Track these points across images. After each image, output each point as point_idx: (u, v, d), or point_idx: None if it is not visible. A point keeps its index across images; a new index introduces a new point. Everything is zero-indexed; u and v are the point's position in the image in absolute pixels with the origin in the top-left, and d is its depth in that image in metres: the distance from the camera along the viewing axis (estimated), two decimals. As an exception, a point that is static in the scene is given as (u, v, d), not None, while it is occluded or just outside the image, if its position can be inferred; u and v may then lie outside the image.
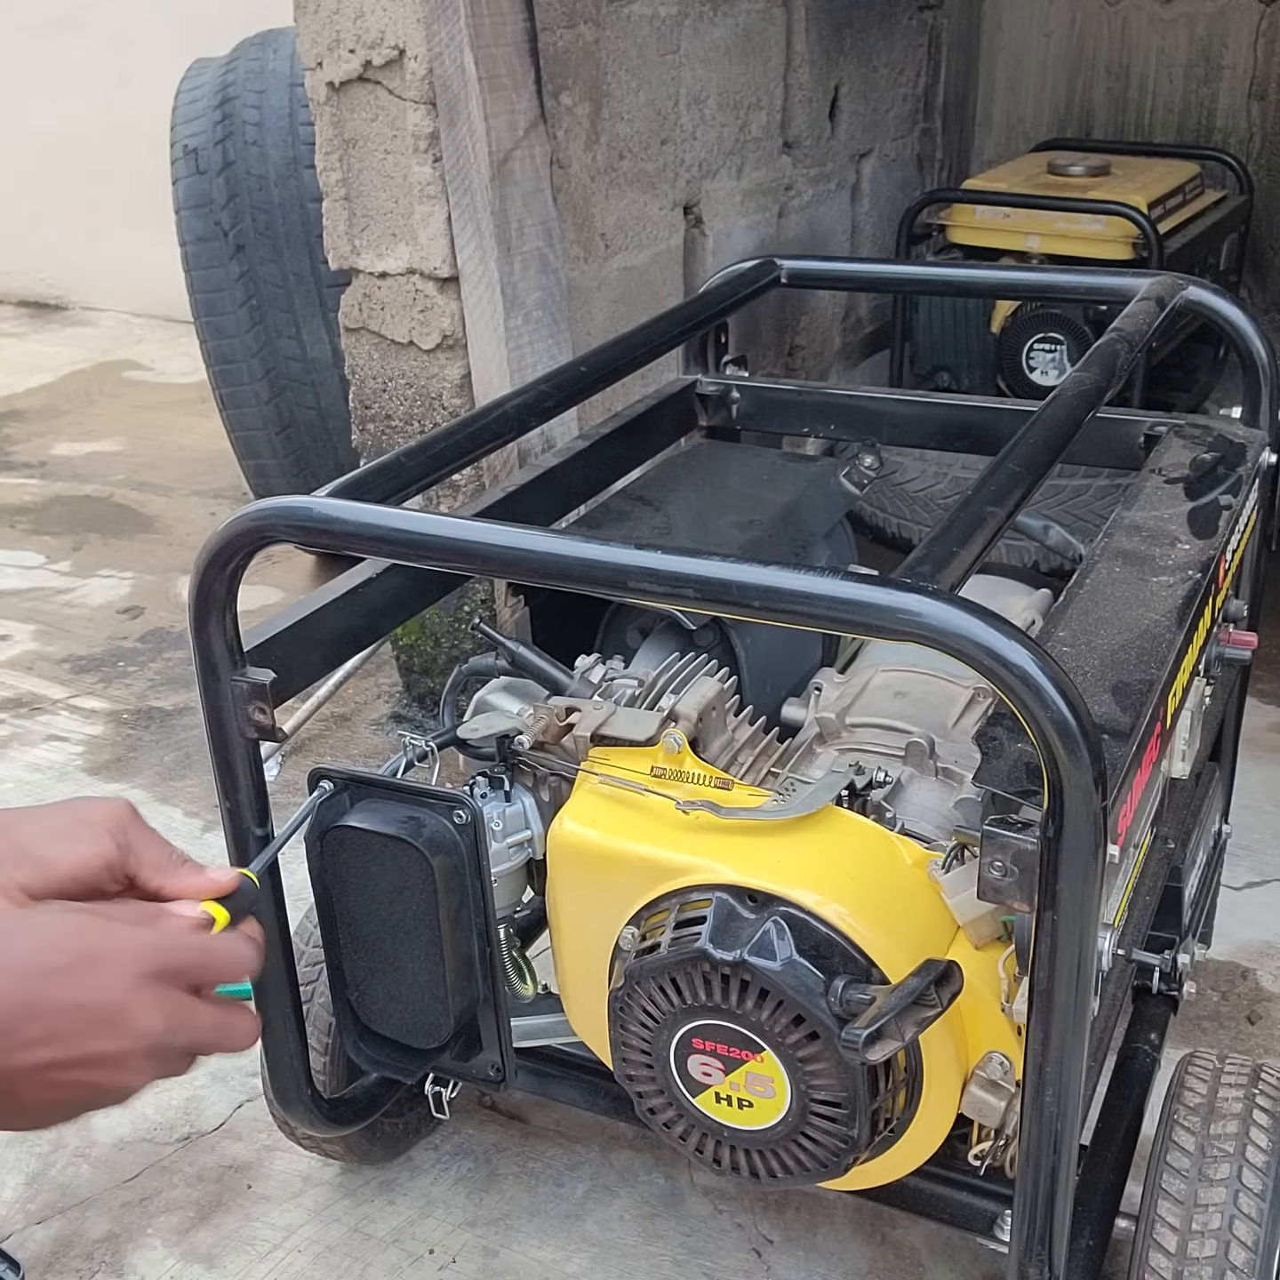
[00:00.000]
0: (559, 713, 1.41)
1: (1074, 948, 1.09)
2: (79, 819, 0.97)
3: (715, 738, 1.42)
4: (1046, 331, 3.19)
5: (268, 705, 1.31)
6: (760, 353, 3.41)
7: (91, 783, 2.82)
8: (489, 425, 1.55)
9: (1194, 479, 1.66)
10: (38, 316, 6.33)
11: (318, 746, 2.93)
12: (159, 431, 4.84)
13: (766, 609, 1.09)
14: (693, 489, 1.80)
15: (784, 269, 2.00)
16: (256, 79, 3.37)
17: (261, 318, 3.34)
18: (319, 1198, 1.89)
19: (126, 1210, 1.88)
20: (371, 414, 2.74)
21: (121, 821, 0.98)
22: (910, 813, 1.38)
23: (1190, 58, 4.15)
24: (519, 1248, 1.80)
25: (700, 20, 3.00)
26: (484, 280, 2.49)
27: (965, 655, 1.02)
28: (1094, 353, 1.53)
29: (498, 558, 1.21)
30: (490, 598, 2.69)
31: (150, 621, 3.53)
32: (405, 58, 2.40)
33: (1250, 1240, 1.30)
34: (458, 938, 1.32)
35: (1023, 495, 1.24)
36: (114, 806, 0.99)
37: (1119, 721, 1.22)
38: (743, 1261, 1.77)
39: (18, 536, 4.04)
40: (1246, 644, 1.66)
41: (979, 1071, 1.26)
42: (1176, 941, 1.70)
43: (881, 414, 1.96)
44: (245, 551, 1.26)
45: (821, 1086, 1.21)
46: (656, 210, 2.98)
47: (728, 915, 1.22)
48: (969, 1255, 1.76)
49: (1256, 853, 2.46)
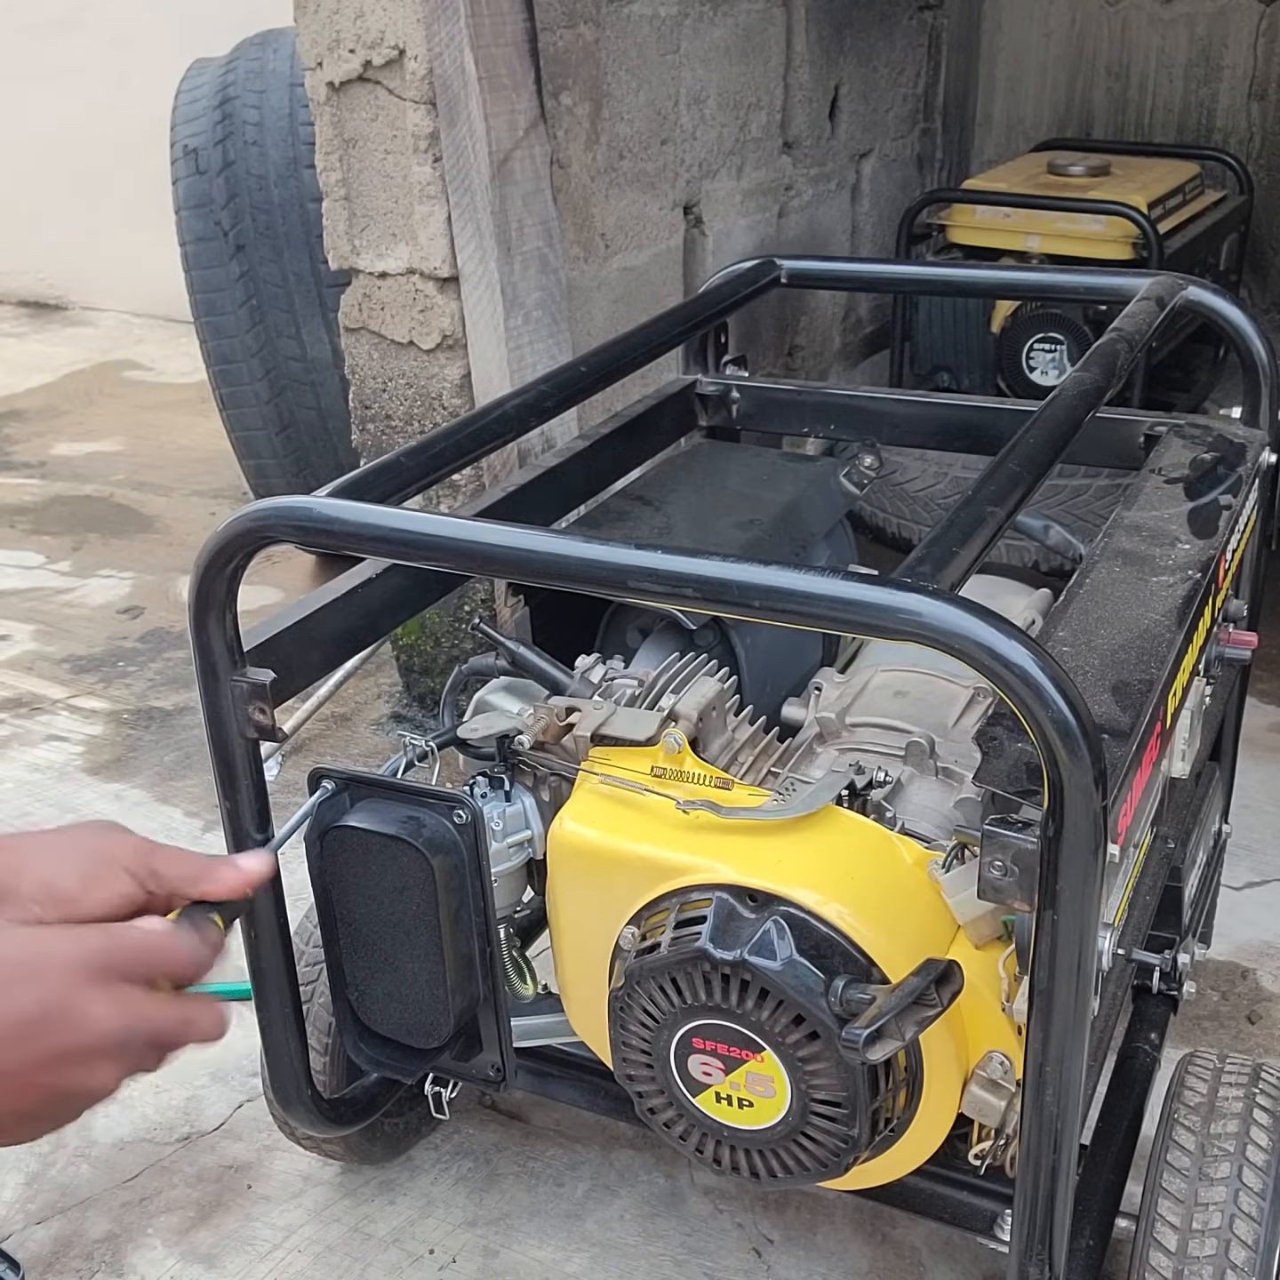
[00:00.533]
0: (559, 712, 1.41)
1: (1074, 947, 1.09)
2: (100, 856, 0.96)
3: (715, 737, 1.42)
4: (1046, 331, 3.19)
5: (268, 705, 1.32)
6: (760, 353, 3.41)
7: (91, 782, 2.82)
8: (489, 425, 1.55)
9: (1194, 479, 1.66)
10: (38, 316, 6.33)
11: (318, 746, 2.93)
12: (159, 431, 4.84)
13: (766, 609, 1.09)
14: (693, 489, 1.80)
15: (784, 269, 2.00)
16: (256, 79, 3.37)
17: (261, 318, 3.34)
18: (319, 1198, 1.89)
19: (126, 1210, 1.88)
20: (371, 414, 2.74)
21: (142, 856, 0.97)
22: (910, 812, 1.38)
23: (1190, 58, 4.15)
24: (519, 1247, 1.80)
25: (700, 20, 3.00)
26: (484, 280, 2.49)
27: (965, 655, 1.02)
28: (1094, 353, 1.53)
29: (498, 558, 1.21)
30: (490, 598, 2.69)
31: (150, 621, 3.53)
32: (405, 58, 2.40)
33: (1251, 1239, 1.30)
34: (458, 937, 1.32)
35: (1023, 495, 1.25)
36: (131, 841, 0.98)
37: (1119, 721, 1.22)
38: (743, 1261, 1.77)
39: (18, 536, 4.04)
40: (1246, 644, 1.66)
41: (979, 1071, 1.26)
42: (1176, 941, 1.70)
43: (881, 414, 1.96)
44: (245, 551, 1.26)
45: (822, 1086, 1.21)
46: (656, 210, 2.98)
47: (728, 915, 1.22)
48: (969, 1255, 1.76)
49: (1256, 853, 2.46)
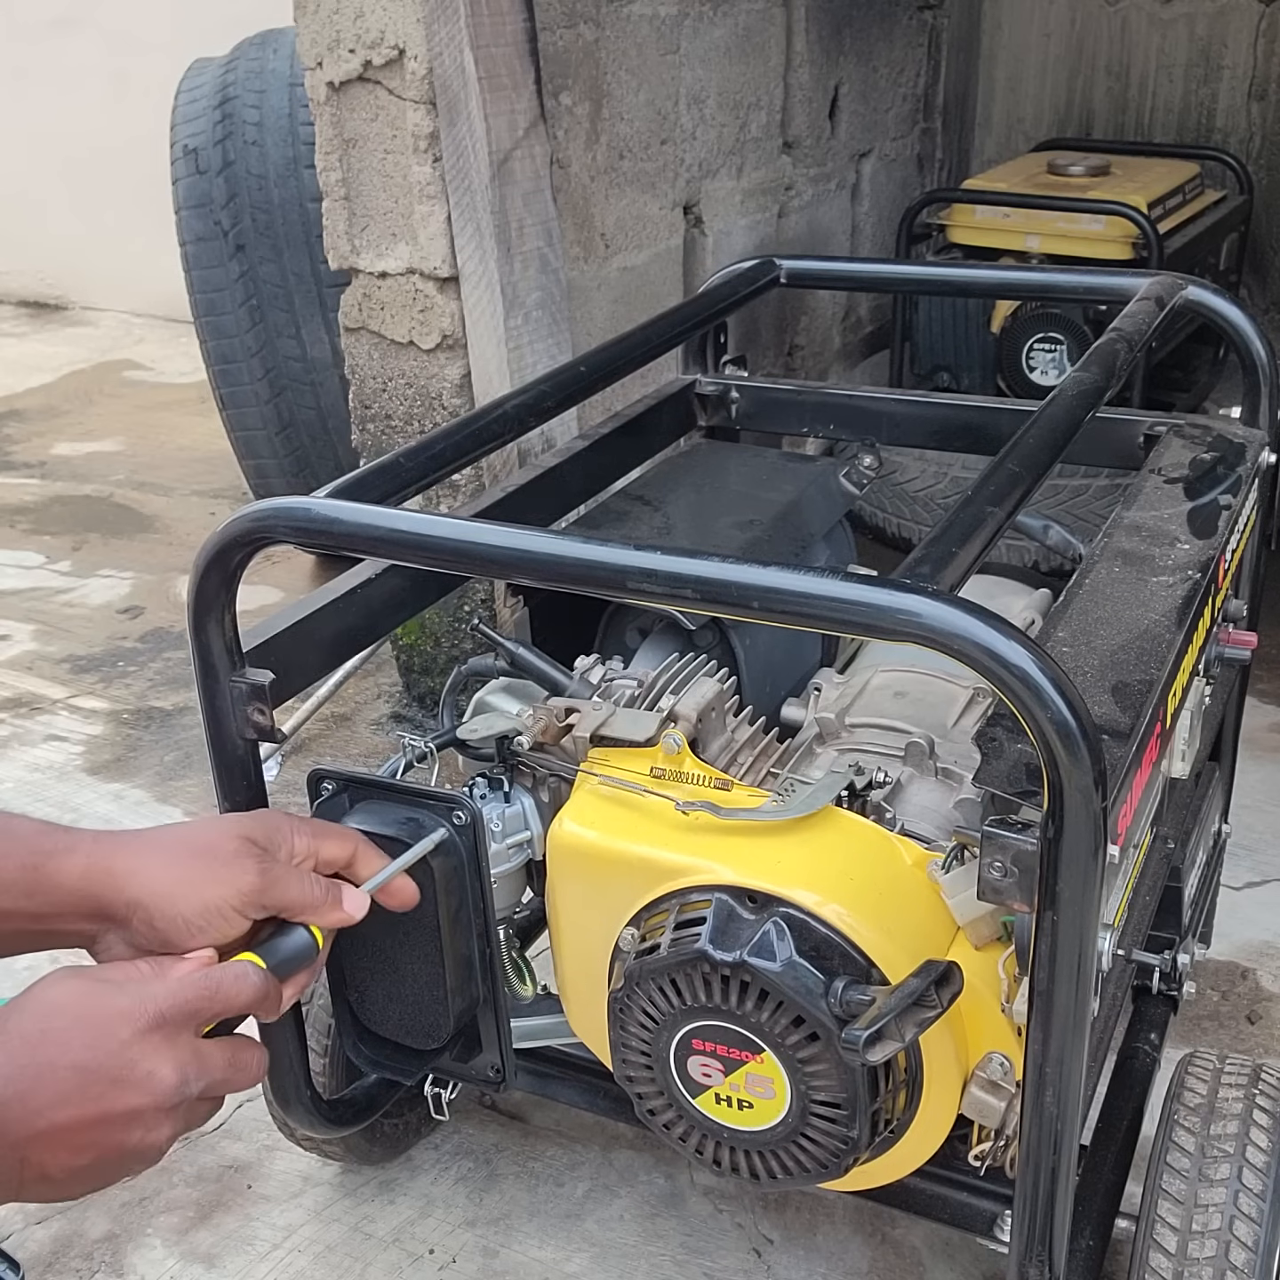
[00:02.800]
0: (558, 713, 1.41)
1: (1074, 948, 1.09)
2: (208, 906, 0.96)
3: (715, 738, 1.42)
4: (1046, 331, 3.19)
5: (267, 706, 1.31)
6: (760, 353, 3.41)
7: (91, 782, 2.82)
8: (489, 425, 1.55)
9: (1194, 479, 1.66)
10: (38, 316, 6.33)
11: (317, 746, 2.93)
12: (159, 431, 4.84)
13: (766, 609, 1.09)
14: (692, 489, 1.80)
15: (784, 269, 2.00)
16: (256, 79, 3.37)
17: (261, 318, 3.34)
18: (319, 1197, 1.89)
19: (126, 1210, 1.88)
20: (371, 414, 2.74)
21: (250, 898, 0.98)
22: (910, 813, 1.38)
23: (1190, 58, 4.15)
24: (519, 1248, 1.80)
25: (700, 20, 3.00)
26: (484, 280, 2.49)
27: (965, 656, 1.02)
28: (1094, 353, 1.53)
29: (497, 558, 1.21)
30: (490, 598, 2.69)
31: (150, 621, 3.53)
32: (405, 57, 2.40)
33: (1250, 1240, 1.30)
34: (457, 938, 1.31)
35: (1023, 495, 1.24)
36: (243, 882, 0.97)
37: (1119, 722, 1.22)
38: (743, 1261, 1.77)
39: (18, 536, 4.04)
40: (1246, 644, 1.66)
41: (979, 1072, 1.26)
42: (1176, 941, 1.70)
43: (881, 414, 1.95)
44: (245, 552, 1.26)
45: (821, 1087, 1.21)
46: (656, 210, 2.98)
47: (727, 916, 1.22)
48: (969, 1255, 1.76)
49: (1256, 853, 2.46)
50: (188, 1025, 0.88)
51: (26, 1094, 0.82)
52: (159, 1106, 0.85)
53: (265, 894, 0.98)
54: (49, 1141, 0.82)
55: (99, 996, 0.87)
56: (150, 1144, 0.86)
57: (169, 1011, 0.87)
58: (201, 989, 0.90)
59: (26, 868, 0.95)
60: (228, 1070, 0.90)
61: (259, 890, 0.98)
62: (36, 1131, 0.82)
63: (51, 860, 0.96)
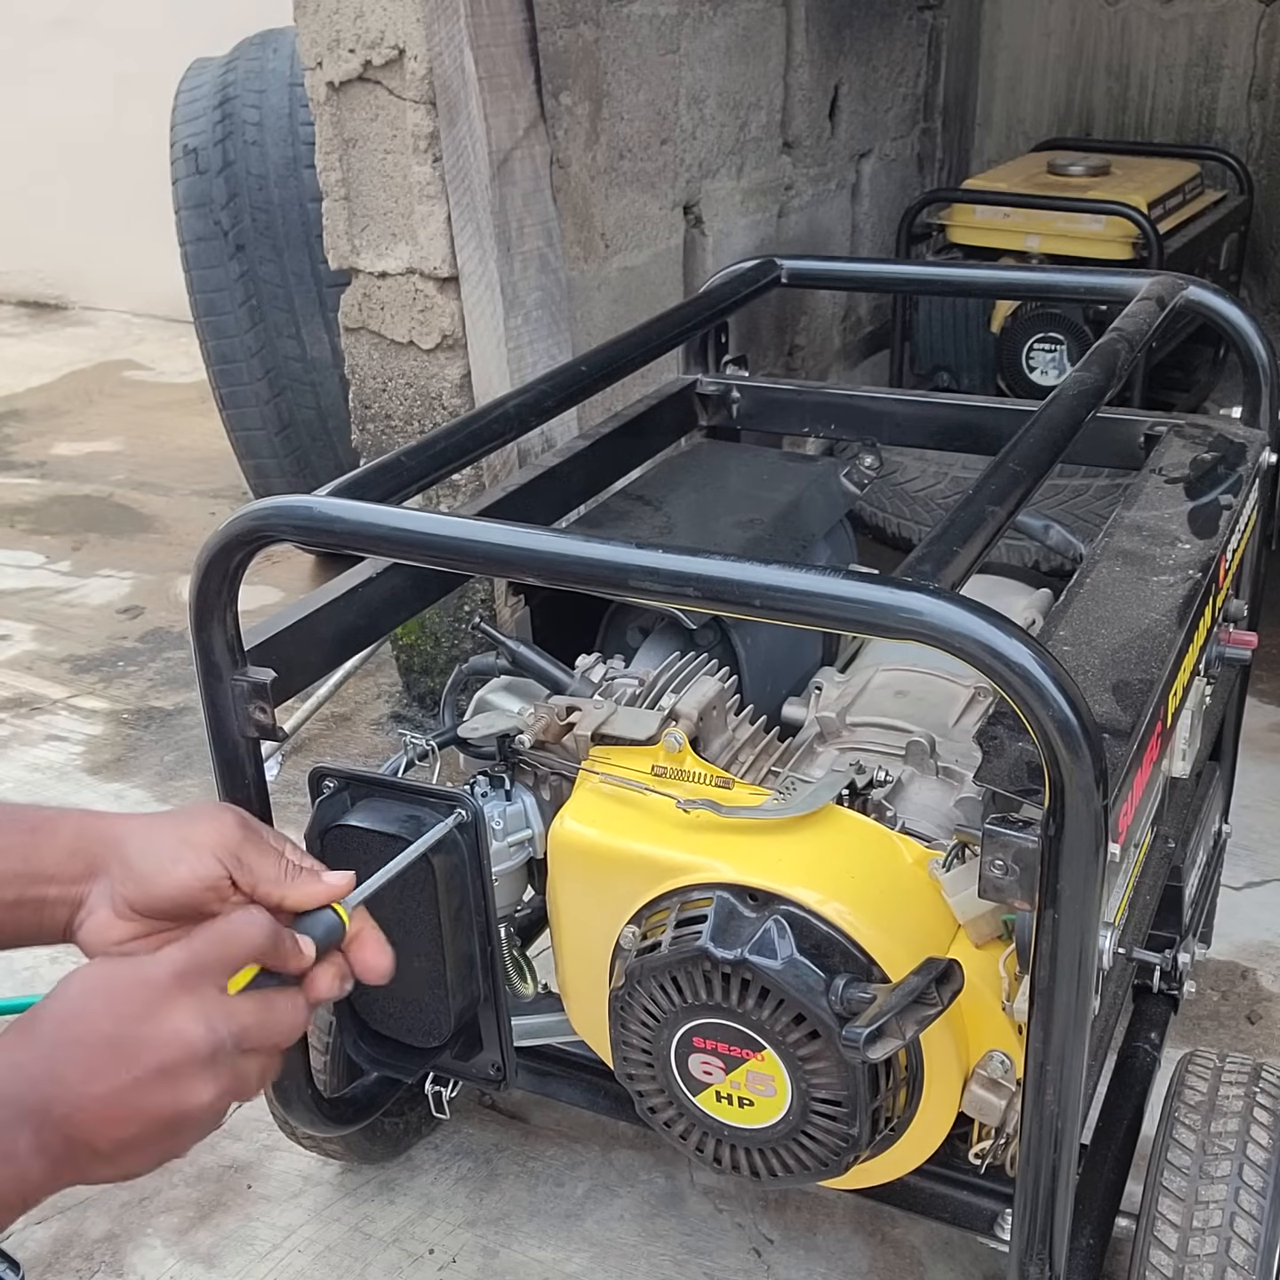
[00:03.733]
0: (560, 712, 1.41)
1: (1075, 946, 1.09)
2: (185, 840, 0.99)
3: (716, 737, 1.42)
4: (1046, 331, 3.20)
5: (268, 705, 1.32)
6: (760, 353, 3.42)
7: (91, 782, 2.82)
8: (489, 425, 1.55)
9: (1194, 479, 1.66)
10: (38, 316, 6.33)
11: (318, 746, 2.93)
12: (159, 431, 4.84)
13: (767, 608, 1.09)
14: (693, 489, 1.80)
15: (784, 269, 2.00)
16: (256, 79, 3.37)
17: (261, 318, 3.34)
18: (319, 1197, 1.89)
19: (126, 1210, 1.88)
20: (371, 414, 2.74)
21: (229, 843, 0.99)
22: (911, 811, 1.38)
23: (1190, 58, 4.15)
24: (519, 1247, 1.80)
25: (700, 20, 3.01)
26: (484, 280, 2.49)
27: (966, 654, 1.02)
28: (1094, 353, 1.53)
29: (498, 557, 1.21)
30: (490, 597, 2.69)
31: (150, 621, 3.53)
32: (405, 57, 2.40)
33: (1251, 1237, 1.30)
34: (458, 937, 1.32)
35: (1023, 495, 1.25)
36: (224, 827, 1.00)
37: (1120, 721, 1.22)
38: (743, 1261, 1.77)
39: (18, 536, 4.04)
40: (1246, 644, 1.66)
41: (980, 1070, 1.26)
42: (1177, 940, 1.70)
43: (881, 414, 1.96)
44: (247, 550, 1.27)
45: (822, 1085, 1.21)
46: (656, 210, 2.98)
47: (728, 914, 1.22)
48: (969, 1254, 1.76)
49: (1256, 853, 2.46)
50: (208, 977, 0.89)
51: (61, 1073, 0.84)
52: (190, 1060, 0.86)
53: (245, 845, 0.99)
54: (89, 1116, 0.84)
55: (121, 972, 0.89)
56: (194, 1104, 0.86)
57: (185, 966, 0.88)
58: (211, 936, 0.92)
59: (24, 831, 0.99)
60: (259, 1014, 0.91)
61: (239, 839, 0.99)
62: (75, 1108, 0.83)
63: (49, 823, 1.01)
